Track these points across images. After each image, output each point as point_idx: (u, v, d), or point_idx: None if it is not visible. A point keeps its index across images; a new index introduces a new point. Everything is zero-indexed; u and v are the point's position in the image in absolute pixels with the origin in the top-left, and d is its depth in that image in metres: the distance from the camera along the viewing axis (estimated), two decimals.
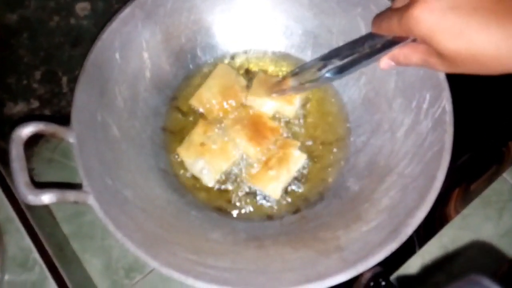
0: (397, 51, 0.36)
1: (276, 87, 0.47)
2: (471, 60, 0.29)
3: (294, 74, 0.45)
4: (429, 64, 0.33)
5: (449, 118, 0.38)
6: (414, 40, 0.34)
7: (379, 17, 0.37)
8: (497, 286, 0.29)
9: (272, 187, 0.45)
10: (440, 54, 0.31)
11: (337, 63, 0.41)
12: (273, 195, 0.46)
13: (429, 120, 0.40)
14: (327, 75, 0.40)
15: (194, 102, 0.49)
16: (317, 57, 0.44)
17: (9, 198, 0.48)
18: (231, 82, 0.49)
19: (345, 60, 0.40)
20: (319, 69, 0.42)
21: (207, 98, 0.49)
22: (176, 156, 0.47)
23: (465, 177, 0.53)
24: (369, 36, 0.39)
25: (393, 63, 0.37)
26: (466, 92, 0.44)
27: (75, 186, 0.36)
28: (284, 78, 0.47)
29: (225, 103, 0.49)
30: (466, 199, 0.54)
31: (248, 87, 0.50)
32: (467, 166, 0.53)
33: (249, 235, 0.42)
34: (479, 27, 0.28)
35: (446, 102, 0.38)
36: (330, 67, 0.41)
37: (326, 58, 0.42)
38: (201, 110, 0.49)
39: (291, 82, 0.45)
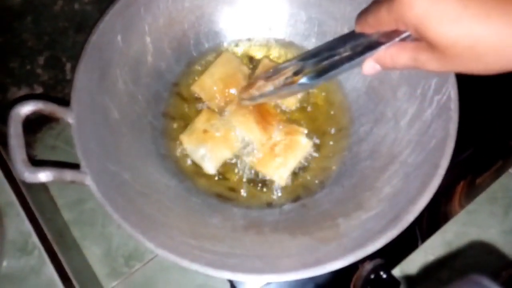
0: (383, 52, 0.32)
1: (246, 91, 0.44)
2: (468, 51, 0.26)
3: (267, 77, 0.42)
4: (419, 61, 0.30)
5: (454, 105, 0.37)
6: (403, 40, 0.31)
7: (364, 12, 0.33)
8: (497, 286, 0.28)
9: (279, 173, 0.45)
10: (432, 46, 0.28)
11: (314, 66, 0.37)
12: (280, 182, 0.45)
13: (434, 108, 0.39)
14: (303, 80, 0.36)
15: (196, 88, 0.49)
16: (294, 57, 0.40)
17: (11, 182, 0.48)
18: (234, 70, 0.49)
19: (324, 63, 0.36)
20: (295, 73, 0.38)
21: (209, 85, 0.48)
22: (178, 142, 0.47)
23: (470, 171, 0.52)
24: (352, 36, 0.35)
25: (378, 67, 0.33)
26: (473, 83, 0.43)
27: (76, 166, 0.36)
28: (255, 80, 0.44)
29: (226, 91, 0.49)
30: (471, 194, 0.53)
31: (251, 75, 0.50)
32: (473, 160, 0.52)
33: (248, 222, 0.41)
34: (479, 13, 0.25)
35: (451, 89, 0.38)
36: (306, 70, 0.37)
37: (304, 59, 0.39)
38: (202, 96, 0.49)
39: (263, 86, 0.42)
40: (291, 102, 0.49)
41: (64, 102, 0.57)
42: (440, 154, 0.36)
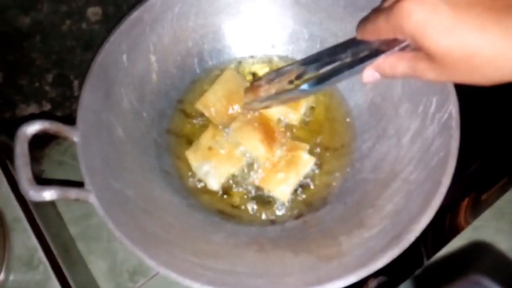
0: (382, 61, 0.33)
1: (249, 95, 0.44)
2: (464, 62, 0.26)
3: (269, 79, 0.43)
4: (417, 71, 0.30)
5: (455, 123, 0.37)
6: (402, 50, 0.31)
7: (364, 20, 0.34)
8: (497, 286, 0.28)
9: (281, 189, 0.45)
10: (429, 56, 0.28)
11: (316, 72, 0.37)
12: (282, 198, 0.45)
13: (436, 125, 0.39)
14: (304, 87, 0.37)
15: (200, 106, 0.49)
16: (296, 61, 0.41)
17: (18, 198, 0.49)
18: (237, 87, 0.50)
19: (325, 69, 0.36)
20: (297, 77, 0.39)
21: (212, 102, 0.49)
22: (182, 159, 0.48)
23: (475, 187, 0.52)
24: (353, 43, 0.35)
25: (377, 75, 0.34)
26: (476, 98, 0.43)
27: (80, 184, 0.37)
28: (258, 83, 0.44)
29: (230, 108, 0.49)
30: (477, 209, 0.52)
31: None
32: (478, 175, 0.52)
33: (250, 239, 0.41)
34: (474, 24, 0.25)
35: (452, 107, 0.38)
36: (308, 75, 0.38)
37: (306, 63, 0.39)
38: (206, 114, 0.49)
39: (264, 90, 0.42)
40: (294, 117, 0.49)
41: (72, 118, 0.58)
42: (442, 172, 0.36)
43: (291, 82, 0.40)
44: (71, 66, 0.54)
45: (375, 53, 0.33)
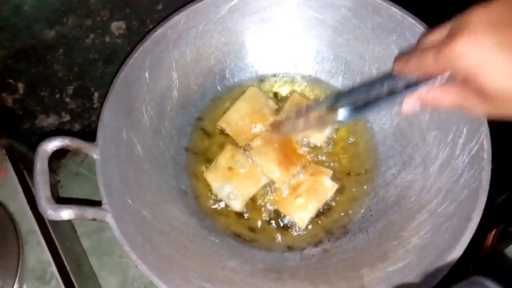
0: (425, 93, 0.33)
1: (275, 129, 0.44)
2: None
3: (299, 115, 0.43)
4: (465, 105, 0.31)
5: (486, 156, 0.36)
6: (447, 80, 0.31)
7: (405, 56, 0.34)
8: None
9: (300, 215, 0.44)
10: (481, 93, 0.29)
11: (349, 102, 0.37)
12: (300, 224, 0.44)
13: (466, 156, 0.37)
14: (339, 113, 0.36)
15: (223, 124, 0.49)
16: (326, 97, 0.42)
17: (33, 210, 0.49)
18: (260, 105, 0.49)
19: (359, 100, 0.36)
20: (329, 109, 0.38)
21: (235, 120, 0.48)
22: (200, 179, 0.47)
23: (503, 218, 0.49)
24: (388, 76, 0.36)
25: (418, 106, 0.34)
26: (503, 126, 0.41)
27: (97, 202, 0.36)
28: (286, 117, 0.45)
29: (253, 126, 0.48)
30: (504, 242, 0.50)
31: (277, 110, 0.50)
32: (506, 206, 0.49)
33: (267, 266, 0.40)
34: None
35: (484, 138, 0.36)
36: (340, 106, 0.37)
37: (338, 96, 0.39)
38: (228, 132, 0.49)
39: (295, 123, 0.42)
40: (317, 138, 0.48)
41: (90, 128, 0.58)
42: (472, 206, 0.34)
43: (321, 116, 0.40)
44: (92, 78, 0.54)
45: (414, 84, 0.33)
